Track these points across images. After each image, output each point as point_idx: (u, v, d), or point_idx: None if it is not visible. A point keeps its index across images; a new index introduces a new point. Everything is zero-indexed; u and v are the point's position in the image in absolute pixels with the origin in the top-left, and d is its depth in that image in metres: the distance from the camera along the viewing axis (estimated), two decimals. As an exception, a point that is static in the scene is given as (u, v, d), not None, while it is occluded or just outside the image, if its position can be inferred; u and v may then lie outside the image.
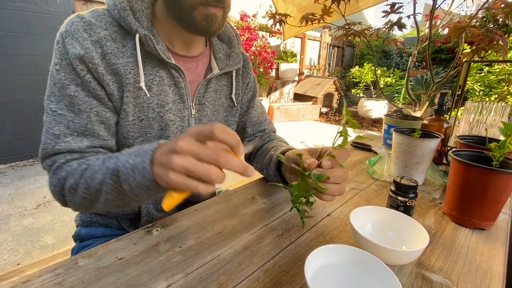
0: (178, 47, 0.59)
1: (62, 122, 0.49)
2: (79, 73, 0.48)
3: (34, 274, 0.38)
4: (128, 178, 0.40)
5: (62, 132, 0.49)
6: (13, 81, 2.55)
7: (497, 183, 0.50)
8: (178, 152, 0.34)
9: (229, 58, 0.66)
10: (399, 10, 1.32)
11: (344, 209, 0.60)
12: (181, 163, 0.34)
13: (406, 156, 0.71)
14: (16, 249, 1.52)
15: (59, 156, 0.50)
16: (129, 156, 0.41)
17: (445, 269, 0.43)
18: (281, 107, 5.06)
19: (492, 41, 1.13)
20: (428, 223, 0.56)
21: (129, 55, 0.52)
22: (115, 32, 0.51)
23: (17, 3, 2.44)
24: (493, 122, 0.97)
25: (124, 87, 0.52)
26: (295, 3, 1.86)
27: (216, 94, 0.66)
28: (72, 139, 0.50)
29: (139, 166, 0.38)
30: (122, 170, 0.40)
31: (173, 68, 0.56)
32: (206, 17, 0.50)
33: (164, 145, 0.38)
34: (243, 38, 4.32)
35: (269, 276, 0.40)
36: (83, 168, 0.47)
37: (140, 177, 0.38)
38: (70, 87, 0.49)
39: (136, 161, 0.39)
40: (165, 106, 0.57)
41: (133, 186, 0.39)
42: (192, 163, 0.34)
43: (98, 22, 0.50)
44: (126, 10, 0.50)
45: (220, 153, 0.35)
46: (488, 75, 3.45)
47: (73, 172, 0.47)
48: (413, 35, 6.79)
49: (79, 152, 0.51)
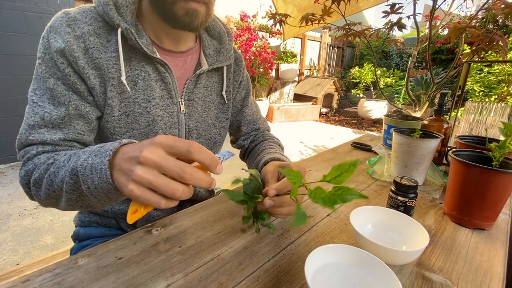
0: (165, 43, 0.59)
1: (38, 113, 0.49)
2: (59, 66, 0.49)
3: (33, 274, 0.38)
4: (86, 179, 0.37)
5: (37, 123, 0.49)
6: (13, 81, 2.55)
7: (497, 183, 0.50)
8: (142, 162, 0.32)
9: (219, 54, 0.66)
10: (399, 10, 1.32)
11: (344, 209, 0.60)
12: (143, 175, 0.31)
13: (406, 156, 0.71)
14: (16, 249, 1.51)
15: (31, 147, 0.49)
16: (90, 154, 0.39)
17: (445, 269, 0.43)
18: (281, 108, 5.06)
19: (492, 41, 1.13)
20: (428, 223, 0.56)
21: (112, 50, 0.52)
22: (99, 28, 0.52)
23: (17, 3, 2.44)
24: (493, 122, 0.97)
25: (107, 81, 0.52)
26: (295, 4, 1.86)
27: (207, 90, 0.66)
28: (46, 131, 0.49)
29: (97, 167, 0.36)
30: (81, 170, 0.38)
31: (158, 63, 0.56)
32: (187, 11, 0.50)
33: (128, 147, 0.36)
34: (243, 39, 4.32)
35: (269, 276, 0.40)
36: (49, 163, 0.45)
37: (98, 179, 0.36)
38: (49, 80, 0.49)
39: (94, 161, 0.37)
40: (151, 101, 0.57)
41: (91, 188, 0.37)
42: (155, 177, 0.32)
43: (82, 17, 0.51)
44: (109, 5, 0.50)
45: (186, 169, 0.32)
46: (488, 75, 3.45)
47: (40, 165, 0.46)
48: (413, 35, 6.79)
49: (52, 145, 0.50)
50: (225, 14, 4.54)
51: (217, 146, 0.73)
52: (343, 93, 6.74)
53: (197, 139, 0.66)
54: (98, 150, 0.38)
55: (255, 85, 4.68)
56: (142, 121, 0.57)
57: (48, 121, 0.49)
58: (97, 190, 0.37)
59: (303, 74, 6.34)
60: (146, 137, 0.58)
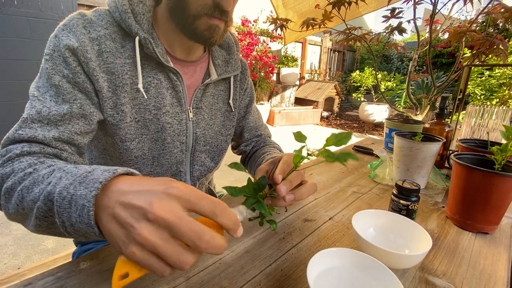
0: (177, 52, 0.59)
1: (35, 107, 0.45)
2: (70, 63, 0.47)
3: (36, 277, 0.38)
4: (62, 212, 0.30)
5: (31, 117, 0.44)
6: (17, 86, 2.57)
7: (500, 187, 0.50)
8: (150, 219, 0.26)
9: (227, 65, 0.67)
10: (399, 15, 1.33)
11: (346, 213, 0.60)
12: (150, 238, 0.25)
13: (408, 159, 0.71)
14: (17, 253, 1.51)
15: (16, 146, 0.43)
16: (74, 180, 0.31)
17: (449, 273, 0.43)
18: (282, 111, 5.07)
19: (492, 45, 1.13)
20: (431, 227, 0.56)
21: (127, 56, 0.52)
22: (115, 32, 0.52)
23: (22, 9, 2.47)
24: (494, 125, 0.96)
25: (120, 87, 0.52)
26: (296, 9, 1.88)
27: (214, 99, 0.67)
28: (40, 126, 0.44)
29: (78, 202, 0.29)
30: (58, 199, 0.31)
31: (171, 71, 0.56)
32: (209, 27, 0.50)
33: (127, 184, 0.29)
34: (244, 43, 4.36)
35: (271, 280, 0.40)
36: (27, 172, 0.38)
37: (76, 217, 0.29)
38: (55, 77, 0.47)
39: (77, 192, 0.30)
40: (162, 108, 0.57)
41: (66, 224, 0.31)
42: (164, 243, 0.26)
43: (99, 21, 0.50)
44: (128, 13, 0.50)
45: (204, 237, 0.26)
46: (489, 79, 3.45)
47: (17, 171, 0.39)
48: (413, 39, 6.82)
49: (41, 144, 0.44)
50: (227, 19, 4.58)
51: (223, 153, 0.73)
52: (344, 97, 6.75)
53: (204, 147, 0.67)
54: (85, 176, 0.31)
55: (256, 89, 4.70)
56: (152, 127, 0.57)
57: (44, 116, 0.45)
58: (73, 228, 0.30)
59: (304, 78, 6.36)
60: (155, 143, 0.58)
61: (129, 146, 0.56)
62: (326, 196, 0.68)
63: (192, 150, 0.65)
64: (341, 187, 0.74)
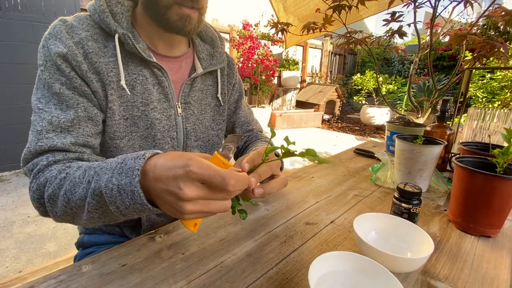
0: (160, 48, 0.60)
1: (45, 118, 0.48)
2: (63, 70, 0.49)
3: (38, 280, 0.39)
4: (114, 200, 0.36)
5: (45, 128, 0.48)
6: (20, 89, 2.59)
7: (502, 190, 0.50)
8: (184, 199, 0.32)
9: (212, 58, 0.68)
10: (400, 18, 1.33)
11: (347, 216, 0.60)
12: (194, 209, 0.33)
13: (409, 162, 0.71)
14: (19, 256, 1.51)
15: (41, 158, 0.47)
16: (112, 173, 0.37)
17: (451, 277, 0.43)
18: (283, 114, 5.07)
19: (493, 48, 1.13)
20: (433, 230, 0.56)
21: (110, 55, 0.53)
22: (96, 34, 0.53)
23: (25, 14, 2.50)
24: (496, 128, 0.96)
25: (107, 85, 0.53)
26: (296, 14, 1.89)
27: (202, 93, 0.67)
28: (55, 135, 0.48)
29: (127, 189, 0.35)
30: (106, 192, 0.37)
31: (155, 67, 0.57)
32: (180, 17, 0.52)
33: (158, 169, 0.35)
34: (246, 47, 4.38)
35: (272, 283, 0.40)
36: (61, 177, 0.43)
37: (129, 200, 0.36)
38: (55, 85, 0.49)
39: (121, 182, 0.36)
40: (149, 104, 0.57)
41: (121, 208, 0.37)
42: (204, 207, 0.34)
43: (80, 24, 0.52)
44: (106, 12, 0.52)
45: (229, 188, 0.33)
46: (491, 81, 3.45)
47: (52, 179, 0.44)
48: (414, 42, 6.83)
49: (63, 152, 0.48)
50: (228, 23, 4.61)
51: (215, 148, 0.74)
52: (345, 100, 6.76)
53: (196, 142, 0.67)
54: (121, 167, 0.37)
55: (257, 92, 4.72)
56: (141, 124, 0.58)
57: (56, 124, 0.48)
58: (128, 209, 0.37)
59: (305, 81, 6.37)
60: (145, 140, 0.59)
61: (119, 144, 0.56)
62: (328, 200, 0.68)
63: (184, 146, 0.65)
64: (342, 190, 0.74)
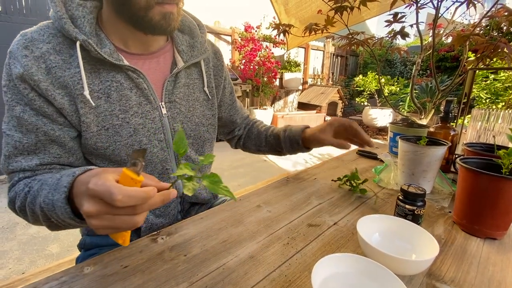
0: (133, 47, 0.57)
1: (10, 143, 0.49)
2: (22, 92, 0.48)
3: (40, 282, 0.39)
4: (52, 215, 0.41)
5: (12, 153, 0.50)
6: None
7: (508, 191, 0.49)
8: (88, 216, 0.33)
9: (193, 49, 0.64)
10: (402, 19, 1.33)
11: (350, 218, 0.60)
12: (100, 224, 0.34)
13: (412, 164, 0.71)
14: (22, 258, 1.52)
15: (13, 175, 0.51)
16: (50, 189, 0.41)
17: (457, 279, 0.42)
18: (285, 116, 5.07)
19: (496, 48, 1.13)
20: (438, 232, 0.55)
21: (76, 65, 0.50)
22: (59, 44, 0.50)
23: (30, 17, 2.53)
24: (500, 129, 0.95)
25: (76, 98, 0.50)
26: (298, 16, 1.89)
27: (188, 89, 0.63)
28: (23, 158, 0.50)
29: (57, 204, 0.39)
30: (44, 206, 0.42)
31: (128, 70, 0.53)
32: (164, 16, 0.49)
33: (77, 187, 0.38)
34: (248, 49, 4.39)
35: (275, 285, 0.40)
36: (25, 191, 0.47)
37: (62, 214, 0.39)
38: (16, 108, 0.48)
39: (54, 198, 0.40)
40: (128, 110, 0.54)
41: (59, 220, 0.41)
42: (110, 222, 0.33)
43: (40, 36, 0.49)
44: (63, 19, 0.48)
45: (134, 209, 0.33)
46: (494, 82, 3.42)
47: (19, 193, 0.48)
48: (416, 43, 6.82)
49: (31, 171, 0.51)
50: (230, 25, 4.63)
51: (207, 144, 0.70)
52: (348, 101, 6.74)
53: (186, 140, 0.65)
54: (56, 184, 0.41)
55: (259, 94, 4.72)
56: (124, 132, 0.55)
57: (21, 149, 0.50)
58: (65, 222, 0.41)
59: (307, 83, 6.37)
60: (131, 148, 0.56)
61: (105, 153, 0.55)
62: (331, 201, 0.67)
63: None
64: (345, 192, 0.73)
